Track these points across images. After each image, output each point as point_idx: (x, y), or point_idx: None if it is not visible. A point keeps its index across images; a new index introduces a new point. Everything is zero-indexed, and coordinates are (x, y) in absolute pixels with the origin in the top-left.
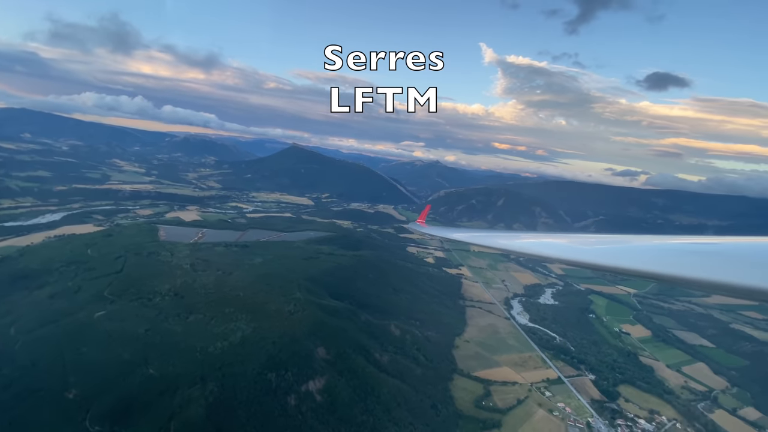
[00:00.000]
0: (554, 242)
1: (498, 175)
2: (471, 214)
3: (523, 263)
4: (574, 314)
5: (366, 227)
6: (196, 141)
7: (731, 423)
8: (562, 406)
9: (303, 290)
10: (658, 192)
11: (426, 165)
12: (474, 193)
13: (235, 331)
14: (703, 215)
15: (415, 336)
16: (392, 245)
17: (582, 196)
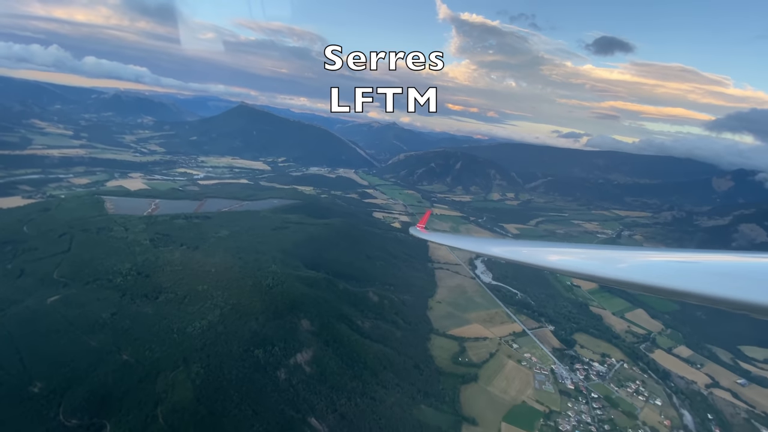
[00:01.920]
0: (572, 259)
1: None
2: (431, 178)
3: (482, 224)
4: (531, 270)
5: (329, 193)
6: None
7: (668, 360)
8: (528, 356)
9: (278, 263)
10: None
11: (383, 127)
12: (433, 157)
13: (213, 309)
14: (637, 175)
15: (392, 301)
16: (359, 211)
17: (531, 157)
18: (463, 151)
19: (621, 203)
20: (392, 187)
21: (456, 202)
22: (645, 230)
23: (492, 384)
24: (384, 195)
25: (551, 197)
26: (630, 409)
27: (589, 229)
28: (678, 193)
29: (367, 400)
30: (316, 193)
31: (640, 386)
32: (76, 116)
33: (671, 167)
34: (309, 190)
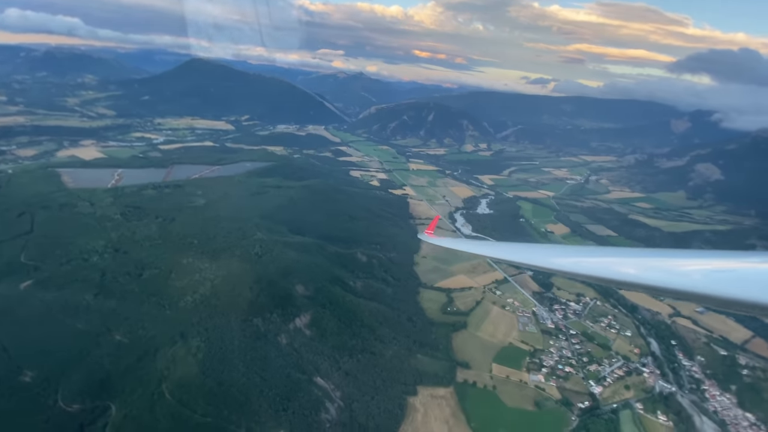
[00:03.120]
0: (589, 260)
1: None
2: (404, 132)
3: (458, 177)
4: (508, 220)
5: (302, 152)
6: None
7: (635, 295)
8: (511, 301)
9: (263, 230)
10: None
11: (349, 77)
12: (405, 109)
13: (203, 281)
14: (602, 119)
15: (380, 260)
16: (335, 170)
17: (501, 106)
18: (434, 101)
19: (588, 148)
20: (366, 143)
21: (431, 155)
22: (610, 174)
23: (480, 329)
24: (358, 152)
25: (522, 146)
26: (604, 342)
27: (559, 176)
28: (640, 135)
29: (367, 355)
30: (288, 153)
31: (611, 320)
32: (6, 78)
33: (633, 110)
34: (280, 150)
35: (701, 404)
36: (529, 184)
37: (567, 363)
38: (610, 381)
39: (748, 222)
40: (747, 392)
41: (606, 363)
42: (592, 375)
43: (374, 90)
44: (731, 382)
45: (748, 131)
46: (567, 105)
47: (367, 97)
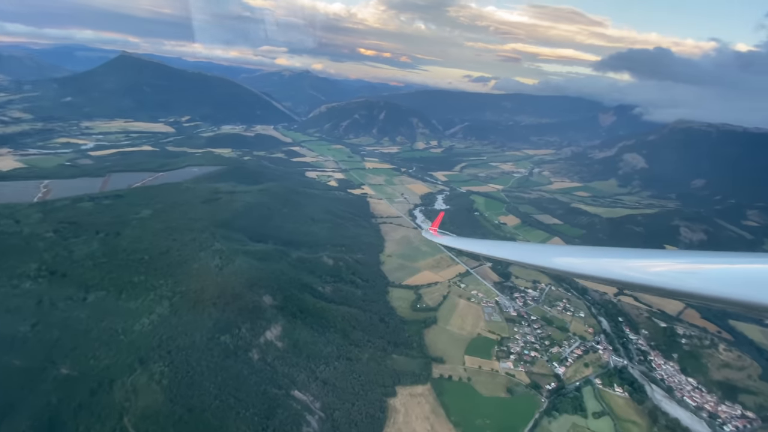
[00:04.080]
0: (591, 263)
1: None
2: (357, 130)
3: (413, 174)
4: (464, 214)
5: (252, 154)
6: None
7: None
8: (475, 293)
9: (221, 239)
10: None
11: (296, 75)
12: (356, 108)
13: (160, 300)
14: (539, 115)
15: (346, 262)
16: (290, 172)
17: (448, 104)
18: (384, 100)
19: (528, 143)
20: (319, 143)
21: (385, 154)
22: (551, 166)
23: (450, 323)
24: (312, 152)
25: (470, 142)
26: (562, 324)
27: (506, 170)
28: (573, 129)
29: (343, 361)
30: (238, 155)
31: (566, 304)
32: None
33: (566, 106)
34: (228, 152)
35: (650, 374)
36: (479, 179)
37: (532, 348)
38: (571, 361)
39: (671, 204)
40: (687, 359)
41: (566, 344)
42: (555, 357)
43: (322, 88)
44: (673, 350)
45: (665, 123)
46: (507, 102)
47: (315, 96)
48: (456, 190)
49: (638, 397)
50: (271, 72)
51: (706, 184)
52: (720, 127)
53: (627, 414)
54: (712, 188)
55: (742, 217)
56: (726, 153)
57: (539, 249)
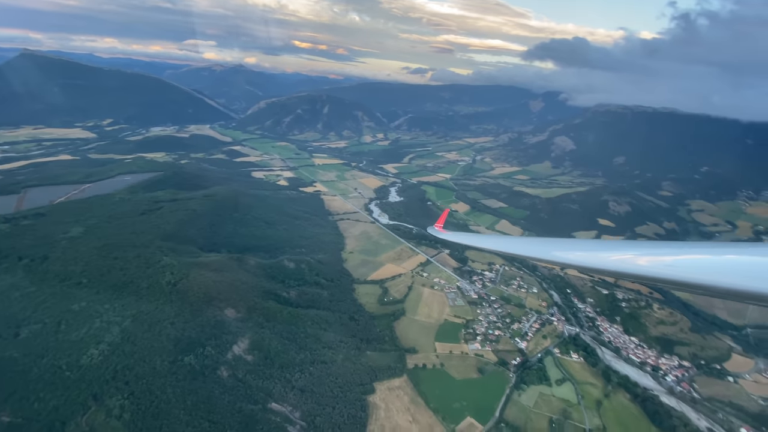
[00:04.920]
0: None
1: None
2: (301, 126)
3: (364, 168)
4: (417, 205)
5: (189, 157)
6: None
7: None
8: (437, 280)
9: (169, 253)
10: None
11: (229, 70)
12: (298, 102)
13: (108, 327)
14: (476, 104)
15: (308, 263)
16: (235, 174)
17: (389, 96)
18: (326, 94)
19: (468, 131)
20: (261, 141)
21: (333, 149)
22: (491, 153)
23: (417, 313)
24: (256, 151)
25: (415, 133)
26: (519, 301)
27: (451, 159)
28: (507, 116)
29: (318, 366)
30: (173, 159)
31: (520, 281)
32: None
33: (499, 94)
34: (162, 156)
35: (599, 338)
36: (428, 169)
37: (495, 327)
38: (531, 335)
39: (598, 181)
40: (629, 321)
41: (524, 320)
42: (517, 333)
43: (259, 83)
44: (615, 314)
45: (588, 107)
46: (445, 92)
47: (252, 91)
48: (407, 181)
49: (592, 360)
50: (200, 67)
51: (626, 161)
52: (634, 109)
53: (584, 377)
54: (631, 164)
55: (659, 188)
56: (640, 132)
57: (544, 243)
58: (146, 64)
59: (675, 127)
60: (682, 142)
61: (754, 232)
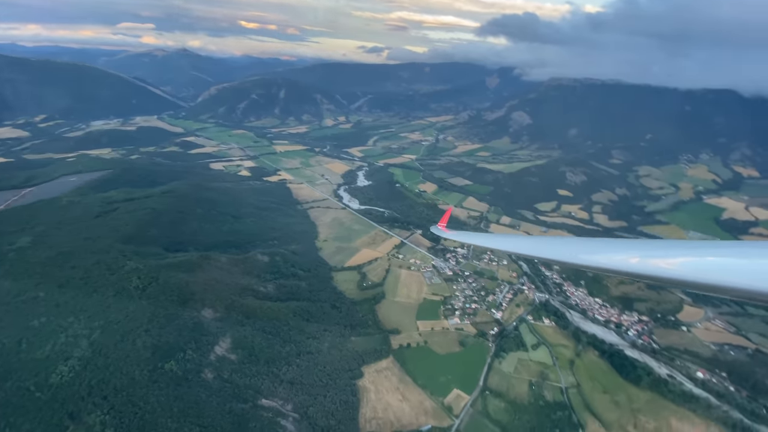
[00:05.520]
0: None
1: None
2: (258, 112)
3: (329, 153)
4: (387, 187)
5: (139, 151)
6: None
7: (499, 229)
8: (413, 261)
9: (133, 257)
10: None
11: (171, 55)
12: (252, 87)
13: (75, 341)
14: (434, 83)
15: (283, 255)
16: (192, 167)
17: (347, 77)
18: (281, 77)
19: (429, 110)
20: (216, 130)
21: (294, 134)
22: (453, 131)
23: (397, 295)
24: (211, 141)
25: (377, 115)
26: (491, 274)
27: (414, 140)
28: (466, 94)
29: (305, 357)
30: (122, 155)
31: (490, 255)
32: None
33: (456, 72)
34: (108, 153)
35: (567, 302)
36: (393, 151)
37: (471, 301)
38: (505, 305)
39: (555, 154)
40: (592, 284)
41: (498, 291)
42: (492, 304)
43: (207, 68)
44: (580, 278)
45: (541, 81)
46: (403, 72)
47: (200, 77)
48: (374, 164)
49: (562, 323)
50: (139, 53)
51: (579, 132)
52: (584, 82)
53: (557, 340)
54: (584, 135)
55: (609, 157)
56: (590, 103)
57: (552, 242)
58: (77, 51)
59: (621, 98)
60: (628, 112)
61: (695, 193)
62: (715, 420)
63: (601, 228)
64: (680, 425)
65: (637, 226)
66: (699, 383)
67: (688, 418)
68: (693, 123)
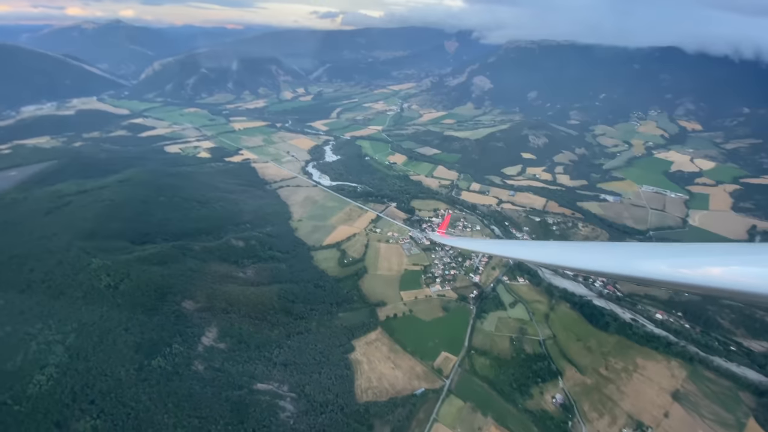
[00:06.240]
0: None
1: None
2: (209, 87)
3: (291, 129)
4: (356, 161)
5: (82, 138)
6: None
7: (471, 196)
8: (391, 234)
9: (97, 253)
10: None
11: (104, 28)
12: (200, 60)
13: (49, 347)
14: (393, 48)
15: (258, 239)
16: (145, 151)
17: (302, 45)
18: (231, 48)
19: (391, 78)
20: (166, 109)
21: (252, 110)
22: (417, 99)
23: (378, 268)
24: (162, 121)
25: (337, 85)
26: None
27: (379, 110)
28: (425, 60)
29: (295, 338)
30: (63, 143)
31: (464, 221)
32: None
33: (414, 37)
34: (46, 141)
35: None
36: (358, 123)
37: (450, 267)
38: (482, 269)
39: (517, 118)
40: (561, 240)
41: (474, 256)
42: (470, 269)
43: (146, 41)
44: (549, 236)
45: (499, 44)
46: (360, 38)
47: (140, 51)
48: (340, 138)
49: (536, 281)
50: (66, 27)
51: (538, 95)
52: (540, 43)
53: (532, 297)
54: (543, 98)
55: (567, 118)
56: (547, 65)
57: (553, 247)
58: None
59: (576, 59)
60: (583, 73)
61: (646, 149)
62: (675, 355)
63: (564, 188)
64: (645, 362)
65: (596, 183)
66: (659, 324)
67: (651, 355)
68: (642, 81)
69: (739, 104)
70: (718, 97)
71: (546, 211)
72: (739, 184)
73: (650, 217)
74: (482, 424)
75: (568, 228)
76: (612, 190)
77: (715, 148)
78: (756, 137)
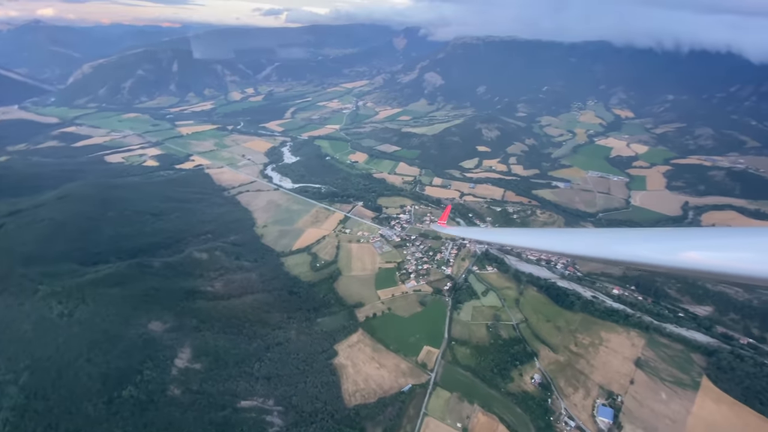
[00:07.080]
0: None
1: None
2: (149, 90)
3: (244, 131)
4: (317, 162)
5: (7, 152)
6: None
7: (434, 191)
8: (361, 233)
9: (43, 279)
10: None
11: (21, 29)
12: (136, 61)
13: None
14: (342, 46)
15: (222, 248)
16: (83, 163)
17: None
18: (170, 47)
19: (342, 76)
20: (101, 116)
21: (198, 113)
22: (371, 96)
23: (352, 269)
24: (98, 129)
25: (288, 84)
26: (435, 234)
27: (335, 108)
28: (375, 57)
29: (275, 349)
30: None
31: (431, 216)
32: None
33: (363, 34)
34: None
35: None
36: (314, 122)
37: (422, 262)
38: (453, 261)
39: (469, 112)
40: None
41: (444, 249)
42: (441, 262)
43: (70, 42)
44: (510, 225)
45: (447, 41)
46: (308, 35)
47: (64, 53)
48: (297, 138)
49: (503, 268)
50: None
51: (487, 90)
52: (485, 39)
53: (501, 284)
54: (491, 92)
55: (516, 111)
56: (493, 60)
57: (554, 234)
58: None
59: (519, 54)
60: (526, 67)
61: (587, 136)
62: (633, 326)
63: (519, 177)
64: (608, 335)
65: (547, 171)
66: (616, 298)
67: (612, 328)
68: (579, 73)
69: (664, 92)
70: (645, 86)
71: (505, 201)
72: (670, 165)
73: (598, 200)
74: (470, 413)
75: (527, 215)
76: (562, 177)
77: (647, 133)
78: (681, 121)
